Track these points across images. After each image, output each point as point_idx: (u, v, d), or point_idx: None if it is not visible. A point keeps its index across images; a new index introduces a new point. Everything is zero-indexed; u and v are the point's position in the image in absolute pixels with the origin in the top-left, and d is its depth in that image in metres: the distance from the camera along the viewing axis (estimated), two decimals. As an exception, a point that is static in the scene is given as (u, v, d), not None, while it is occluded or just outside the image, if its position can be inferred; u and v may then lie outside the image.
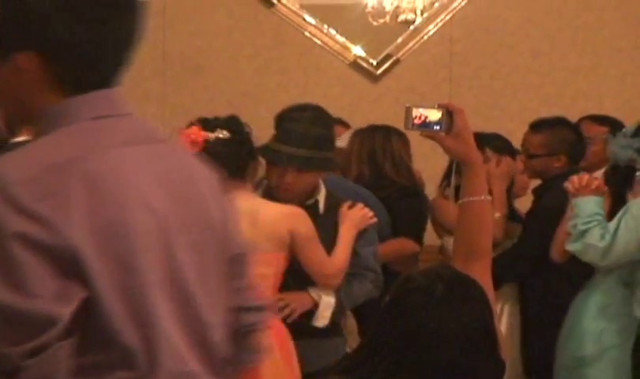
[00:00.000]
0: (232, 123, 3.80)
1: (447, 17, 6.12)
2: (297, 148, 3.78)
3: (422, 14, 6.05)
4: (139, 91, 6.02)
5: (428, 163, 5.00)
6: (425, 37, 6.12)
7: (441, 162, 4.74)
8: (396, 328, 2.10)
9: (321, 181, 3.95)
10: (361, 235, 3.92)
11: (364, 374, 2.10)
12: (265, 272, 3.77)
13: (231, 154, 3.74)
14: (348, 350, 3.82)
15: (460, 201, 2.58)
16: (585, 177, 4.27)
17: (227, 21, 6.06)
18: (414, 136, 2.61)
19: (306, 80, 6.05)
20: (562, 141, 4.71)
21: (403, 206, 4.68)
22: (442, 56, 6.13)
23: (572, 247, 4.21)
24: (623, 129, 4.39)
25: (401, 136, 4.77)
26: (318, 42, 6.10)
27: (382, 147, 4.77)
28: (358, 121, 4.70)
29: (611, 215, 4.22)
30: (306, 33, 6.09)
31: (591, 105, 5.66)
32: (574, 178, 4.28)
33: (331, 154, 3.93)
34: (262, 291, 3.69)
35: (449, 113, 2.51)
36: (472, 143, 2.54)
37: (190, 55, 6.02)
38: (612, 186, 4.29)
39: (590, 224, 4.15)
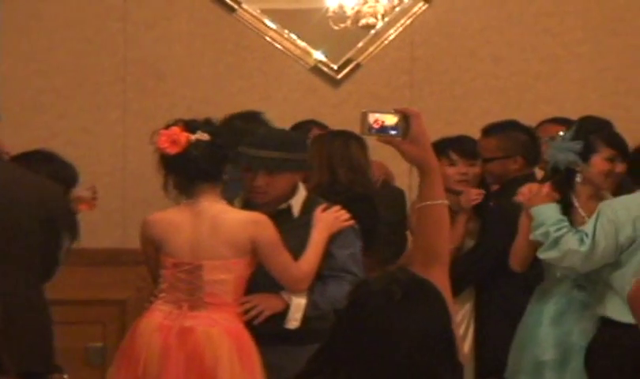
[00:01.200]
0: (210, 126, 3.79)
1: (408, 22, 6.13)
2: (267, 151, 3.78)
3: (383, 19, 6.06)
4: (100, 97, 5.99)
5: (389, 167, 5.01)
6: (386, 42, 6.13)
7: (402, 166, 4.74)
8: (355, 331, 2.10)
9: (300, 185, 3.94)
10: (336, 237, 3.90)
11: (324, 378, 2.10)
12: (225, 277, 3.77)
13: (210, 156, 3.74)
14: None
15: (418, 205, 2.58)
16: (535, 186, 4.32)
17: (188, 27, 6.04)
18: (373, 140, 2.60)
19: (267, 85, 6.04)
20: (517, 143, 4.76)
21: (352, 210, 4.66)
22: (403, 61, 6.14)
23: (547, 255, 4.19)
24: (561, 133, 4.42)
25: (360, 142, 4.76)
26: (279, 47, 6.09)
27: (340, 153, 4.75)
28: (319, 126, 4.70)
29: None
30: (267, 38, 6.09)
31: (552, 110, 5.68)
32: (524, 189, 4.33)
33: (303, 155, 3.93)
34: (221, 296, 3.70)
35: (405, 118, 2.50)
36: (429, 147, 2.54)
37: (151, 61, 6.00)
38: (558, 191, 4.31)
39: (563, 230, 4.16)
